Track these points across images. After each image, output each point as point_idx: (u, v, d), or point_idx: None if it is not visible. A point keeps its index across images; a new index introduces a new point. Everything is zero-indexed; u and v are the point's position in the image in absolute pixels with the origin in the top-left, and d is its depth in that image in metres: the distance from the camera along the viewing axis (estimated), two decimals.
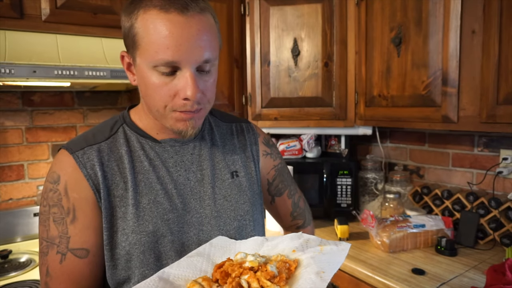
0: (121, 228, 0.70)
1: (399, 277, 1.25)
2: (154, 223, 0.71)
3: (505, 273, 1.07)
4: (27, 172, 1.73)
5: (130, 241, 0.70)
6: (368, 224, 1.54)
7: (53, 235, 0.68)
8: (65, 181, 0.69)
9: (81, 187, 0.69)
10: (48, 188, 0.70)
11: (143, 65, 0.67)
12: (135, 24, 0.66)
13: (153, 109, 0.71)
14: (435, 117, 1.39)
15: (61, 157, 0.71)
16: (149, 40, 0.64)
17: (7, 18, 1.34)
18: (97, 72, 1.37)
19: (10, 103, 1.68)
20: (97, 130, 0.76)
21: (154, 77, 0.67)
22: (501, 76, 1.18)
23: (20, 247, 1.59)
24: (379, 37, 1.58)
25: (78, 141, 0.73)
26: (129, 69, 0.74)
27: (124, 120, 0.78)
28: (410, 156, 1.92)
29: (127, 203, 0.70)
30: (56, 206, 0.68)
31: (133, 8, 0.66)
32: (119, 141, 0.75)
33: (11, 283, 1.30)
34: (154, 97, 0.69)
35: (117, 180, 0.71)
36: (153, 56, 0.64)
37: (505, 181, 1.54)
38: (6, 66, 1.22)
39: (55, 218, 0.68)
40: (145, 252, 0.70)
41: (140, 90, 0.74)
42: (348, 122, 1.76)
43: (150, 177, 0.73)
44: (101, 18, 1.51)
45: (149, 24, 0.64)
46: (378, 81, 1.60)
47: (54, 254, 0.68)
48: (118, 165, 0.72)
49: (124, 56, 0.73)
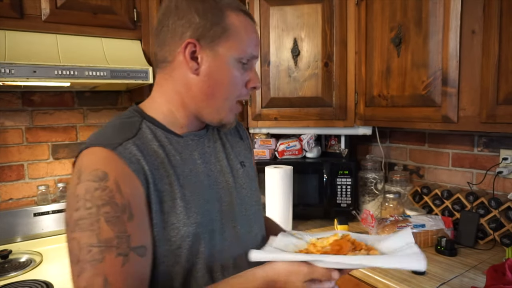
0: (171, 223, 0.69)
1: (399, 277, 1.25)
2: (200, 214, 0.73)
3: (505, 273, 1.07)
4: (27, 172, 1.73)
5: (182, 235, 0.70)
6: (368, 224, 1.54)
7: (108, 237, 0.60)
8: (114, 177, 0.64)
9: (132, 182, 0.66)
10: (92, 188, 0.62)
11: (227, 55, 0.74)
12: (226, 21, 0.73)
13: (219, 98, 0.76)
14: (435, 117, 1.39)
15: (100, 154, 0.66)
16: (242, 37, 0.75)
17: (7, 18, 1.34)
18: (97, 72, 1.37)
19: (10, 103, 1.68)
20: (118, 127, 0.73)
21: (234, 68, 0.75)
22: (501, 76, 1.18)
23: (20, 247, 1.59)
24: (379, 37, 1.58)
25: (109, 138, 0.69)
26: (193, 57, 0.74)
27: (142, 116, 0.76)
28: (410, 156, 1.92)
29: (174, 197, 0.70)
30: (108, 205, 0.62)
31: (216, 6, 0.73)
32: (147, 137, 0.73)
33: (11, 283, 1.30)
34: (228, 85, 0.75)
35: (161, 174, 0.70)
36: (244, 50, 0.75)
37: (505, 181, 1.54)
38: (6, 66, 1.22)
39: (108, 217, 0.61)
40: (194, 244, 0.71)
41: (201, 79, 0.74)
42: (348, 122, 1.76)
43: (185, 170, 0.74)
44: (101, 18, 1.51)
45: (241, 24, 0.75)
46: (378, 81, 1.60)
47: (113, 258, 0.60)
48: (156, 159, 0.71)
49: (190, 43, 0.72)
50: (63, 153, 1.81)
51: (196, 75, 0.74)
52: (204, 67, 0.74)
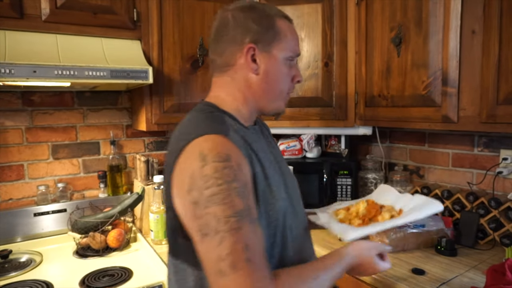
0: (268, 199, 0.79)
1: (399, 277, 1.25)
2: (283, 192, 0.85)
3: (505, 273, 1.07)
4: (27, 172, 1.73)
5: (277, 209, 0.80)
6: None
7: (240, 208, 0.67)
8: (235, 158, 0.72)
9: (245, 163, 0.74)
10: (219, 167, 0.69)
11: (280, 55, 0.86)
12: (276, 26, 0.86)
13: (275, 92, 0.88)
14: (435, 117, 1.39)
15: (218, 140, 0.73)
16: (289, 39, 0.88)
17: (7, 18, 1.34)
18: (97, 72, 1.37)
19: (10, 103, 1.68)
20: (211, 120, 0.81)
21: (285, 66, 0.88)
22: (501, 76, 1.18)
23: (20, 247, 1.59)
24: (379, 37, 1.58)
25: (215, 127, 0.77)
26: (253, 60, 0.85)
27: (220, 111, 0.86)
28: (410, 156, 1.92)
29: (266, 177, 0.80)
30: (235, 181, 0.69)
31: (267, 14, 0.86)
32: (233, 129, 0.80)
33: (11, 283, 1.30)
34: (281, 81, 0.88)
35: (253, 158, 0.79)
36: (291, 49, 0.88)
37: (505, 181, 1.54)
38: (6, 66, 1.22)
39: (238, 192, 0.68)
40: (285, 216, 0.83)
41: (261, 77, 0.86)
42: (348, 122, 1.76)
43: (263, 156, 0.84)
44: (101, 18, 1.51)
45: (287, 28, 0.88)
46: (378, 81, 1.60)
47: (248, 226, 0.67)
48: (247, 146, 0.80)
49: (251, 48, 0.84)
50: (63, 153, 1.81)
51: (256, 75, 0.86)
52: (262, 67, 0.85)
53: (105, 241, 1.56)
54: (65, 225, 1.70)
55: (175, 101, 1.72)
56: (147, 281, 1.31)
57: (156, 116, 1.69)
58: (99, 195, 1.88)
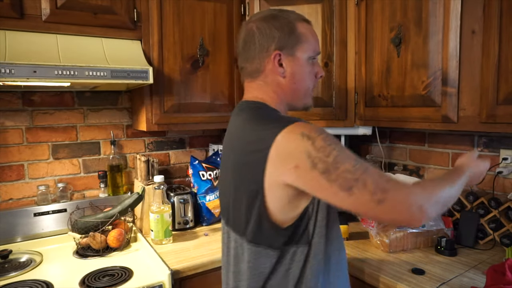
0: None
1: (399, 277, 1.25)
2: None
3: (505, 273, 1.07)
4: (27, 172, 1.73)
5: None
6: (368, 224, 1.54)
7: (356, 157, 0.78)
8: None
9: None
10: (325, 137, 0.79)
11: (304, 57, 0.95)
12: (297, 31, 0.94)
13: (302, 90, 0.98)
14: (435, 117, 1.39)
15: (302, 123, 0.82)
16: (310, 40, 0.96)
17: (7, 18, 1.34)
18: (97, 72, 1.37)
19: (10, 103, 1.68)
20: (277, 113, 0.93)
21: (308, 65, 0.97)
22: (501, 76, 1.18)
23: (20, 247, 1.59)
24: (379, 37, 1.58)
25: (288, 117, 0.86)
26: (280, 64, 0.94)
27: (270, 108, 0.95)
28: (410, 156, 1.92)
29: None
30: (339, 142, 0.81)
31: (288, 21, 0.94)
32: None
33: (11, 283, 1.30)
34: (307, 79, 0.97)
35: None
36: (313, 49, 0.97)
37: (505, 181, 1.54)
38: (6, 66, 1.22)
39: (345, 147, 0.81)
40: None
41: (288, 79, 0.95)
42: (348, 122, 1.76)
43: None
44: (101, 18, 1.51)
45: (307, 30, 0.96)
46: (378, 81, 1.60)
47: (366, 162, 0.78)
48: None
49: (277, 54, 0.93)
50: (63, 153, 1.81)
51: (283, 78, 0.95)
52: (288, 70, 0.95)
53: (105, 241, 1.56)
54: (65, 225, 1.70)
55: (175, 101, 1.72)
56: (147, 281, 1.31)
57: (156, 116, 1.69)
58: (99, 195, 1.88)
